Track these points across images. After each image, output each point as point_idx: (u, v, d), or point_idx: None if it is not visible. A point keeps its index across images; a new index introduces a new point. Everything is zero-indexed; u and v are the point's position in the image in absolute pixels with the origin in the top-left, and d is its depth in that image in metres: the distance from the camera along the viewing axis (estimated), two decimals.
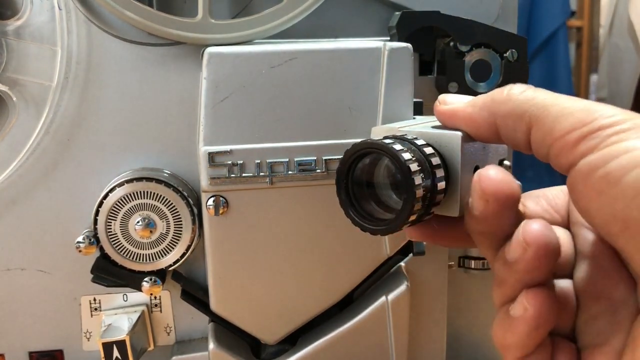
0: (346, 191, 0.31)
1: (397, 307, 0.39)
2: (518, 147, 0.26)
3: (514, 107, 0.25)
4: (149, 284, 0.39)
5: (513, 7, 0.44)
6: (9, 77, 0.38)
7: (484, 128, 0.27)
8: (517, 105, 0.25)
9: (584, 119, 0.22)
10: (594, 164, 0.21)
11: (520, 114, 0.25)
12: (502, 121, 0.26)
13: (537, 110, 0.24)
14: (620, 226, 0.21)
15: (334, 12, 0.42)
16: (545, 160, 0.25)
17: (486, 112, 0.27)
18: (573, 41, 1.85)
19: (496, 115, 0.26)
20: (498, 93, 0.26)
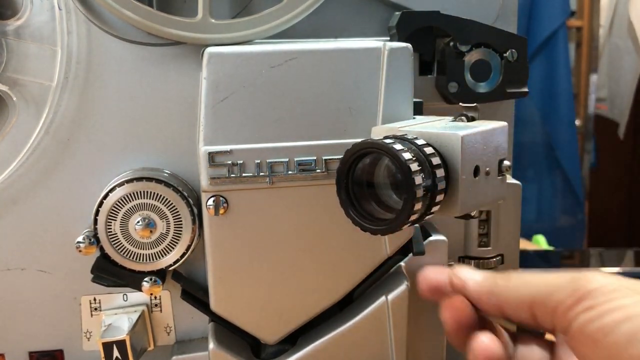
0: (346, 191, 0.31)
1: (397, 307, 0.39)
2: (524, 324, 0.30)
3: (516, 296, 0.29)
4: (149, 284, 0.39)
5: (513, 7, 0.44)
6: (9, 77, 0.38)
7: (491, 309, 0.31)
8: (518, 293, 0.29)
9: (576, 289, 0.27)
10: (587, 321, 0.26)
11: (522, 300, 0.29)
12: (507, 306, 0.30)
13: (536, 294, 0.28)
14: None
15: (334, 12, 0.42)
16: (552, 331, 0.29)
17: (494, 297, 0.30)
18: (573, 41, 1.85)
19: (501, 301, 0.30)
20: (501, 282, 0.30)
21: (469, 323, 0.31)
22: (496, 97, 0.43)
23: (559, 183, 1.77)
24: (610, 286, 0.26)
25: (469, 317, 0.31)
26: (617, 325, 0.24)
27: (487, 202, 0.33)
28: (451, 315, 0.31)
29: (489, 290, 0.31)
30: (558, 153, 1.73)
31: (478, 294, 0.31)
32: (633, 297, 0.25)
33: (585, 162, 1.85)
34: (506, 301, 0.30)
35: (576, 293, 0.26)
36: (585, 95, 1.84)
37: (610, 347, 0.25)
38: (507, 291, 0.30)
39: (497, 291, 0.30)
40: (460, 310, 0.31)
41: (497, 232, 0.44)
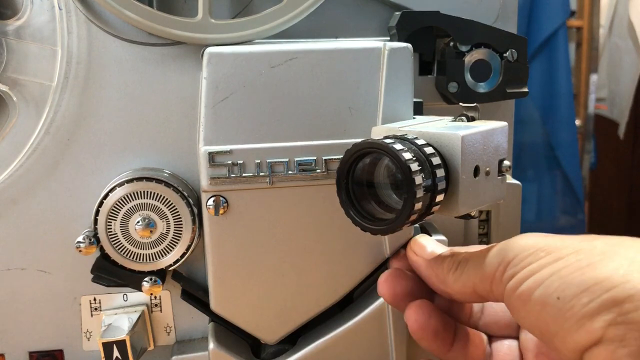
0: (346, 191, 0.31)
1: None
2: (472, 302, 0.33)
3: (459, 285, 0.31)
4: (149, 284, 0.39)
5: (513, 7, 0.44)
6: (9, 77, 0.38)
7: (439, 292, 0.33)
8: (461, 283, 0.31)
9: (503, 257, 0.28)
10: (510, 289, 0.28)
11: (465, 288, 0.31)
12: (453, 293, 0.32)
13: (475, 277, 0.30)
14: (537, 331, 0.27)
15: (334, 12, 0.42)
16: (489, 299, 0.31)
17: (441, 284, 0.33)
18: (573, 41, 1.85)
19: (447, 288, 0.32)
20: (445, 272, 0.32)
21: (404, 292, 0.34)
22: (496, 97, 0.43)
23: (559, 183, 1.77)
24: (526, 251, 0.28)
25: (405, 287, 0.34)
26: (530, 293, 0.26)
27: (487, 202, 0.33)
28: (386, 289, 0.34)
29: (437, 277, 0.33)
30: (558, 153, 1.73)
31: (428, 276, 0.34)
32: (544, 259, 0.27)
33: (585, 162, 1.85)
34: (452, 289, 0.32)
35: (501, 264, 0.28)
36: (585, 95, 1.84)
37: (529, 313, 0.27)
38: (452, 281, 0.32)
39: (443, 279, 0.32)
40: (396, 283, 0.34)
41: (497, 232, 0.44)
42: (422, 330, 0.32)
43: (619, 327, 0.24)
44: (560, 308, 0.25)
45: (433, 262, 0.33)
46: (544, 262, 0.27)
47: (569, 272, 0.26)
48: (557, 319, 0.25)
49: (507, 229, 0.45)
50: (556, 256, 0.26)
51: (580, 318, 0.24)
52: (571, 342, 0.25)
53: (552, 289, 0.26)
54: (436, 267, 0.33)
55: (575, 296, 0.25)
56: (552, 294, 0.26)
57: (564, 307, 0.25)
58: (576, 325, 0.25)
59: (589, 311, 0.24)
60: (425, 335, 0.32)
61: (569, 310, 0.25)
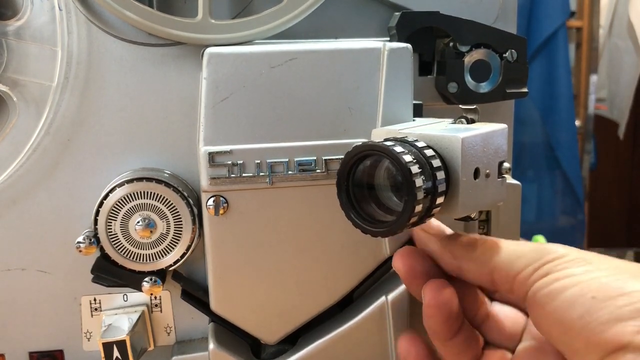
0: (347, 193, 0.31)
1: (397, 307, 0.39)
2: (481, 286, 0.32)
3: (478, 264, 0.31)
4: (149, 284, 0.39)
5: (513, 7, 0.44)
6: (9, 77, 0.38)
7: (451, 270, 0.33)
8: (480, 261, 0.31)
9: (537, 258, 0.28)
10: (542, 285, 0.27)
11: (483, 268, 0.30)
12: (468, 272, 0.31)
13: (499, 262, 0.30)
14: (558, 331, 0.26)
15: (334, 12, 0.42)
16: (508, 293, 0.30)
17: (455, 261, 0.32)
18: (573, 41, 1.85)
19: (462, 266, 0.32)
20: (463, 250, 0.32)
21: (421, 270, 0.32)
22: (496, 98, 0.43)
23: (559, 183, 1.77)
24: (568, 257, 0.27)
25: (422, 265, 0.32)
26: (563, 291, 0.26)
27: (487, 204, 0.33)
28: (403, 263, 0.32)
29: (451, 253, 0.32)
30: (558, 153, 1.73)
31: (440, 254, 0.33)
32: (585, 267, 0.27)
33: (585, 162, 1.85)
34: (467, 268, 0.31)
35: (536, 263, 0.28)
36: (585, 96, 1.84)
37: (554, 310, 0.26)
38: (470, 259, 0.31)
39: (459, 256, 0.32)
40: (413, 259, 0.32)
41: (497, 233, 0.44)
42: (438, 308, 0.31)
43: None
44: (591, 307, 0.25)
45: (447, 239, 0.33)
46: (584, 269, 0.26)
47: (609, 279, 0.25)
48: (586, 317, 0.25)
49: (507, 229, 0.45)
50: (597, 266, 0.26)
51: (611, 319, 0.24)
52: (595, 344, 0.24)
53: (588, 289, 0.25)
54: (451, 244, 0.32)
55: (612, 298, 0.25)
56: (587, 293, 0.25)
57: (597, 306, 0.25)
58: (605, 326, 0.24)
59: (622, 314, 0.24)
60: (439, 315, 0.31)
61: (601, 309, 0.24)
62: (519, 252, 0.29)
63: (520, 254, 0.29)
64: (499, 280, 0.30)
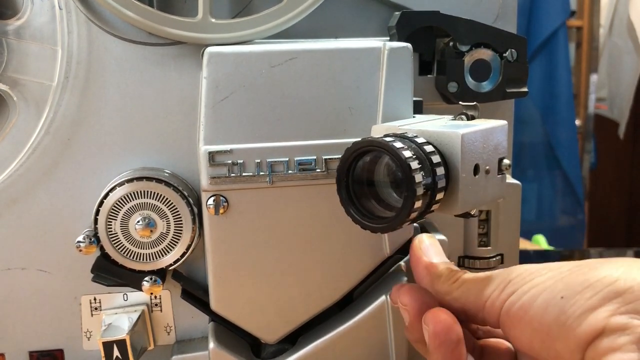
0: (347, 189, 0.31)
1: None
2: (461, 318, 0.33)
3: (454, 304, 0.32)
4: (149, 284, 0.39)
5: (513, 7, 0.44)
6: (9, 76, 0.38)
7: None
8: (456, 302, 0.32)
9: (500, 282, 0.29)
10: (511, 304, 0.28)
11: (458, 306, 0.32)
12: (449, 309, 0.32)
13: (467, 299, 0.31)
14: (538, 339, 0.27)
15: (334, 12, 0.42)
16: (481, 324, 0.31)
17: (440, 301, 0.33)
18: (573, 41, 1.85)
19: (444, 305, 0.32)
20: (443, 289, 0.32)
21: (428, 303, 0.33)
22: (496, 97, 0.43)
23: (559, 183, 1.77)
24: (528, 271, 0.29)
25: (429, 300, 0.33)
26: (534, 300, 0.27)
27: (486, 201, 0.33)
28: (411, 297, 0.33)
29: (436, 294, 0.33)
30: (558, 153, 1.73)
31: (427, 284, 0.34)
32: (547, 274, 0.28)
33: (585, 162, 1.85)
34: (448, 306, 0.32)
35: (500, 285, 0.29)
36: (585, 95, 1.84)
37: (531, 321, 0.27)
38: (449, 299, 0.32)
39: (440, 298, 0.33)
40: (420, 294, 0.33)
41: (497, 232, 0.44)
42: (450, 331, 0.31)
43: (621, 317, 0.24)
44: (563, 306, 0.26)
45: (433, 277, 0.33)
46: (547, 276, 0.28)
47: (572, 277, 0.27)
48: (560, 317, 0.26)
49: (507, 228, 0.45)
50: (558, 271, 0.28)
51: (583, 312, 0.25)
52: (574, 339, 0.25)
53: (556, 291, 0.27)
54: (433, 277, 0.33)
55: (579, 292, 0.26)
56: (556, 295, 0.26)
57: (567, 304, 0.26)
58: (579, 319, 0.25)
59: (592, 304, 0.25)
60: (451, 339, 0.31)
61: (572, 306, 0.26)
62: (484, 282, 0.30)
63: (486, 283, 0.30)
64: (470, 312, 0.31)
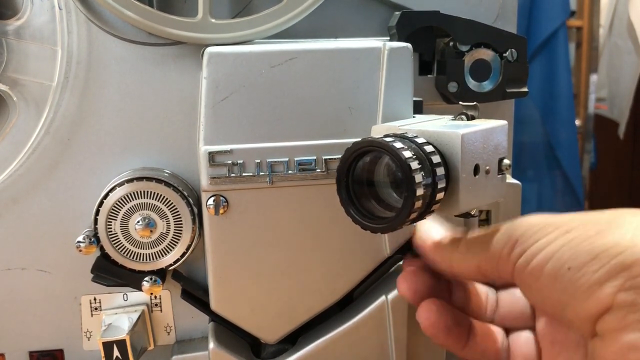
0: (347, 189, 0.31)
1: (397, 307, 0.39)
2: (478, 282, 0.33)
3: (464, 262, 0.32)
4: (149, 284, 0.39)
5: (513, 7, 0.44)
6: (9, 77, 0.38)
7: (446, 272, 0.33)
8: (465, 259, 0.31)
9: (510, 236, 0.29)
10: (521, 266, 0.28)
11: (470, 265, 0.31)
12: (458, 271, 0.32)
13: (480, 256, 0.30)
14: (550, 305, 0.27)
15: (334, 12, 0.42)
16: (499, 280, 0.31)
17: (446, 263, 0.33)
18: (573, 41, 1.85)
19: (452, 266, 0.32)
20: (450, 249, 0.32)
21: (424, 289, 0.33)
22: (496, 97, 0.43)
23: (559, 183, 1.77)
24: (534, 228, 0.28)
25: (424, 283, 0.33)
26: (542, 267, 0.27)
27: (487, 201, 0.33)
28: (407, 285, 0.33)
29: (442, 256, 0.33)
30: (558, 153, 1.73)
31: (433, 257, 0.33)
32: (553, 233, 0.27)
33: (585, 162, 1.85)
34: (457, 267, 0.32)
35: (508, 243, 0.28)
36: (585, 95, 1.84)
37: (542, 288, 0.27)
38: (457, 258, 0.32)
39: (448, 257, 0.32)
40: (416, 279, 0.33)
41: None
42: (433, 327, 0.32)
43: (628, 293, 0.24)
44: (571, 278, 0.25)
45: (438, 245, 0.33)
46: (553, 236, 0.27)
47: (578, 242, 0.26)
48: (569, 289, 0.25)
49: None
50: (564, 229, 0.27)
51: (590, 286, 0.25)
52: (583, 311, 0.25)
53: (563, 261, 0.26)
54: (441, 250, 0.33)
55: (585, 264, 0.25)
56: (563, 265, 0.26)
57: (574, 277, 0.25)
58: (587, 293, 0.25)
59: (598, 278, 0.24)
60: (438, 333, 0.32)
61: (579, 279, 0.25)
62: (494, 239, 0.30)
63: (495, 240, 0.29)
64: (486, 271, 0.30)
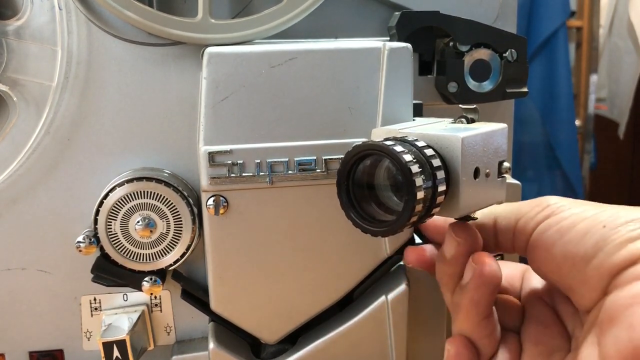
0: (347, 193, 0.31)
1: (396, 307, 0.39)
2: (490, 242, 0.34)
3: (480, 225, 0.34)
4: (149, 284, 0.39)
5: (513, 7, 0.44)
6: (9, 77, 0.38)
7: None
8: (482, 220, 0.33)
9: (537, 204, 0.31)
10: (549, 224, 0.30)
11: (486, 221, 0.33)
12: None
13: (499, 213, 0.33)
14: (569, 263, 0.28)
15: (334, 12, 0.42)
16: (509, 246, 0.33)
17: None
18: (573, 41, 1.85)
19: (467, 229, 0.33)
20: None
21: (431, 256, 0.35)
22: (496, 97, 0.43)
23: (559, 183, 1.77)
24: (566, 201, 0.30)
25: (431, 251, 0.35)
26: (573, 226, 0.28)
27: (487, 204, 0.33)
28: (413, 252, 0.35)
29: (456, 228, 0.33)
30: (558, 153, 1.73)
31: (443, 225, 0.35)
32: (585, 206, 0.29)
33: (585, 162, 1.85)
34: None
35: (537, 207, 0.31)
36: (585, 95, 1.84)
37: (566, 244, 0.28)
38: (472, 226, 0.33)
39: (463, 227, 0.33)
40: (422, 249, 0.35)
41: None
42: (488, 278, 0.32)
43: None
44: (604, 233, 0.27)
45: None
46: (585, 208, 0.29)
47: (615, 211, 0.28)
48: (599, 242, 0.27)
49: None
50: (595, 207, 0.29)
51: (623, 241, 0.26)
52: (608, 265, 0.27)
53: (598, 220, 0.28)
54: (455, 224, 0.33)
55: (622, 224, 0.27)
56: (598, 224, 0.28)
57: (609, 233, 0.27)
58: (618, 247, 0.26)
59: (634, 236, 0.26)
60: (488, 285, 0.32)
61: (614, 234, 0.27)
62: (519, 204, 0.32)
63: (521, 205, 0.32)
64: (501, 232, 0.32)
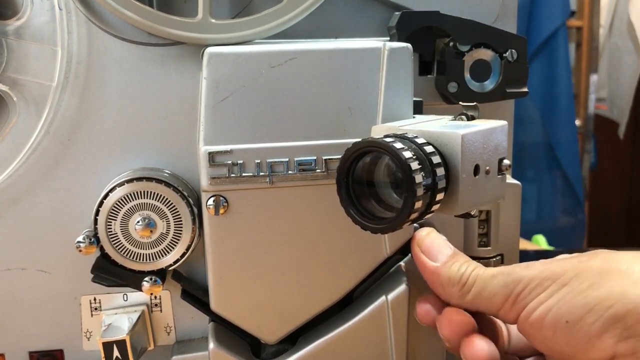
0: (347, 190, 0.31)
1: (396, 307, 0.39)
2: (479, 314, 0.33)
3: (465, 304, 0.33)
4: (149, 284, 0.39)
5: (513, 7, 0.44)
6: (9, 77, 0.38)
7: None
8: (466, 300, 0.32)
9: (511, 290, 0.30)
10: (523, 319, 0.30)
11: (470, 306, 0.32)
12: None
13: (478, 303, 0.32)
14: (556, 356, 0.29)
15: (334, 12, 0.42)
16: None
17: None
18: (573, 41, 1.85)
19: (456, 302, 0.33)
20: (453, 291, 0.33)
21: (465, 330, 0.33)
22: (496, 97, 0.43)
23: (559, 183, 1.77)
24: (533, 282, 0.30)
25: (466, 324, 0.33)
26: (542, 321, 0.29)
27: (487, 201, 0.33)
28: (449, 329, 0.33)
29: (443, 291, 0.33)
30: (558, 153, 1.73)
31: (433, 285, 0.34)
32: (551, 287, 0.29)
33: (585, 162, 1.85)
34: (458, 305, 0.33)
35: (509, 299, 0.30)
36: (585, 95, 1.84)
37: (543, 340, 0.29)
38: (457, 299, 0.32)
39: (454, 302, 0.33)
40: (456, 321, 0.33)
41: (497, 232, 0.44)
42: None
43: (627, 342, 0.26)
44: (570, 331, 0.28)
45: (438, 276, 0.33)
46: (551, 291, 0.29)
47: (573, 297, 0.28)
48: (570, 341, 0.28)
49: (507, 229, 0.45)
50: (561, 283, 0.28)
51: (590, 338, 0.27)
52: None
53: (560, 315, 0.28)
54: (443, 284, 0.33)
55: (582, 318, 0.27)
56: (561, 318, 0.28)
57: (573, 330, 0.27)
58: (588, 345, 0.27)
59: (596, 330, 0.27)
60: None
61: (578, 331, 0.27)
62: (492, 292, 0.31)
63: (494, 294, 0.31)
64: (487, 313, 0.32)
